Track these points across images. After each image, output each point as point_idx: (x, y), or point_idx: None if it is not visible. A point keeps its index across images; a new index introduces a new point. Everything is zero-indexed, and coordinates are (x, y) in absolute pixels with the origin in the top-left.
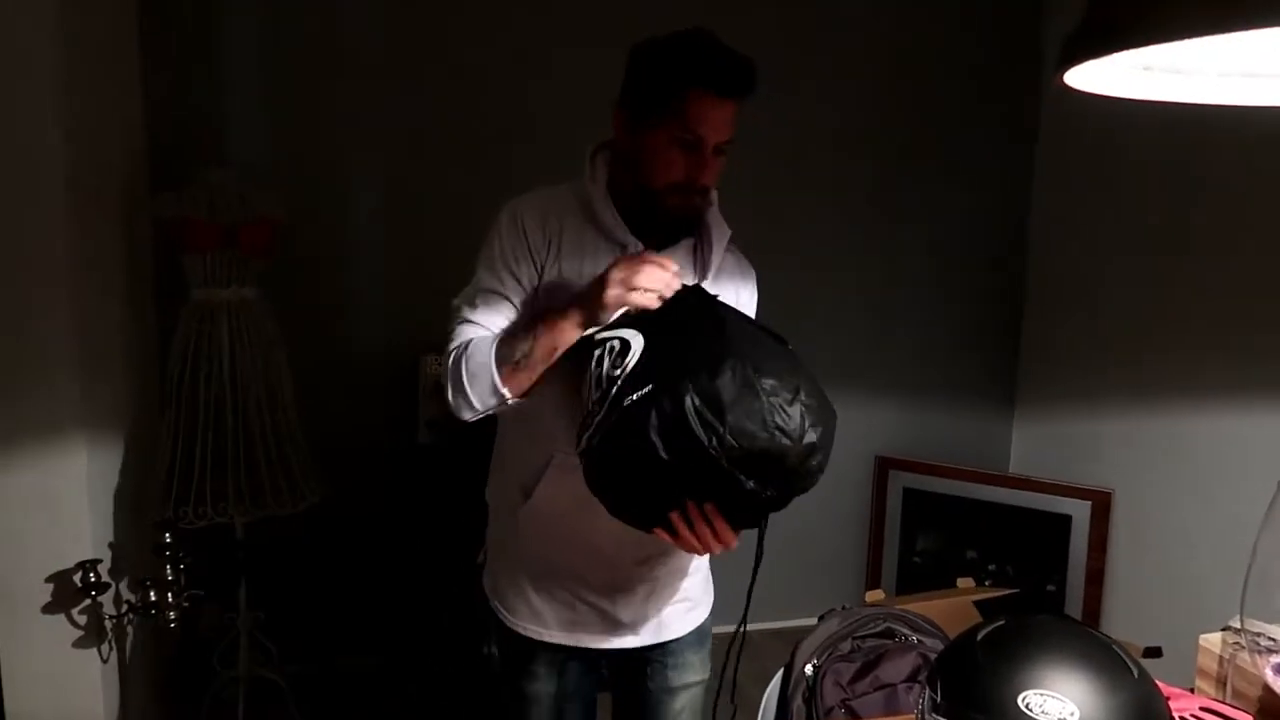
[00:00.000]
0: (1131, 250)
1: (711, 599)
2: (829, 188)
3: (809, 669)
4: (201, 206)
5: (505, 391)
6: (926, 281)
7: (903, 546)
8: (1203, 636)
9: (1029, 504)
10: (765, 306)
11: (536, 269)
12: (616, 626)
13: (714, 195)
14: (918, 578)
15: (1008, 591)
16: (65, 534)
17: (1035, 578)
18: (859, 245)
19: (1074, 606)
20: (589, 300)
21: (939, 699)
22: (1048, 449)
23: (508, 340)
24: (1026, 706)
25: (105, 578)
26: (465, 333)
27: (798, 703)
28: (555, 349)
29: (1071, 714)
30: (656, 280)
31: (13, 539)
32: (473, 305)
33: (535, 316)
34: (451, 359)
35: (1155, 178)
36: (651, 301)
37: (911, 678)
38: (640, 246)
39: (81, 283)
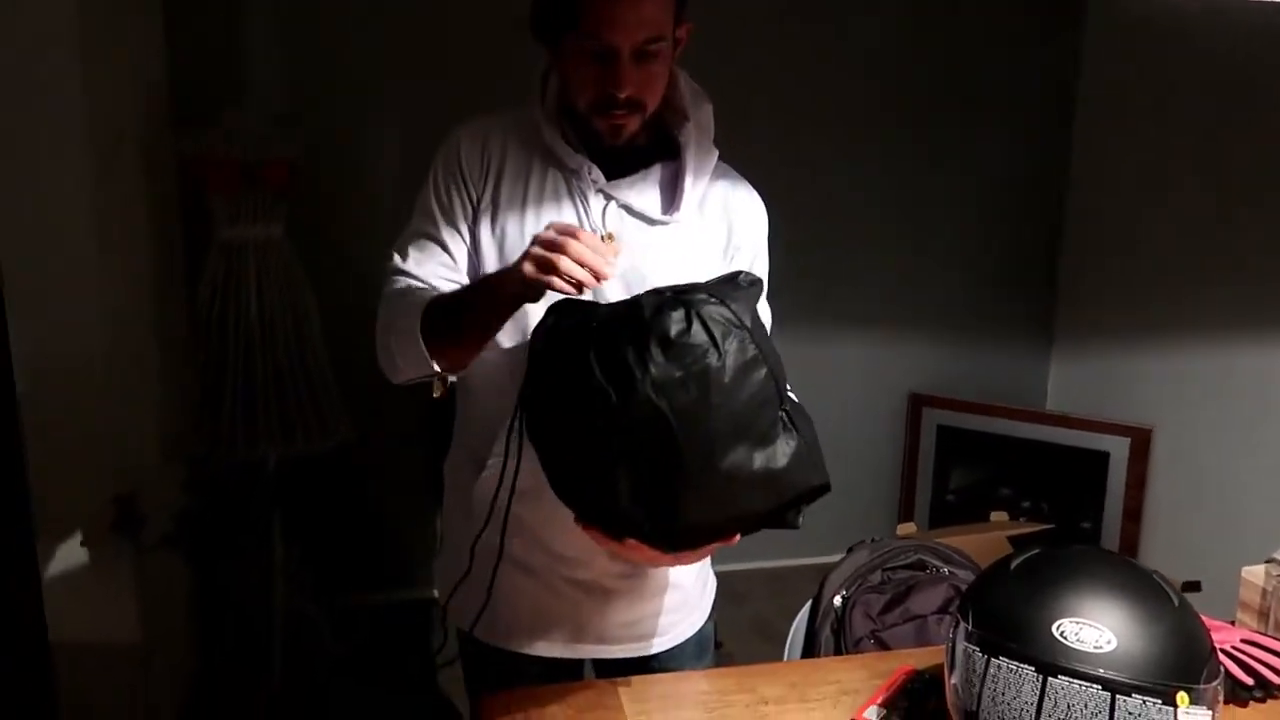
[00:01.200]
0: (1175, 182)
1: (711, 598)
2: (863, 120)
3: (837, 600)
4: (221, 145)
5: (434, 366)
6: (962, 214)
7: (936, 485)
8: (1245, 569)
9: (1066, 441)
10: (796, 242)
11: (472, 202)
12: (592, 634)
13: (707, 112)
14: (951, 516)
15: (1042, 527)
16: (101, 470)
17: (1071, 515)
18: (894, 178)
19: (1110, 544)
20: (511, 276)
21: (970, 627)
22: (1086, 385)
23: (440, 308)
24: (1061, 635)
25: (140, 512)
26: (396, 285)
27: (826, 634)
28: (486, 330)
29: (1108, 642)
30: (577, 265)
31: (50, 476)
32: (404, 253)
33: (467, 287)
34: (380, 319)
35: (1202, 108)
36: (568, 290)
37: (942, 609)
38: (597, 173)
39: (108, 222)
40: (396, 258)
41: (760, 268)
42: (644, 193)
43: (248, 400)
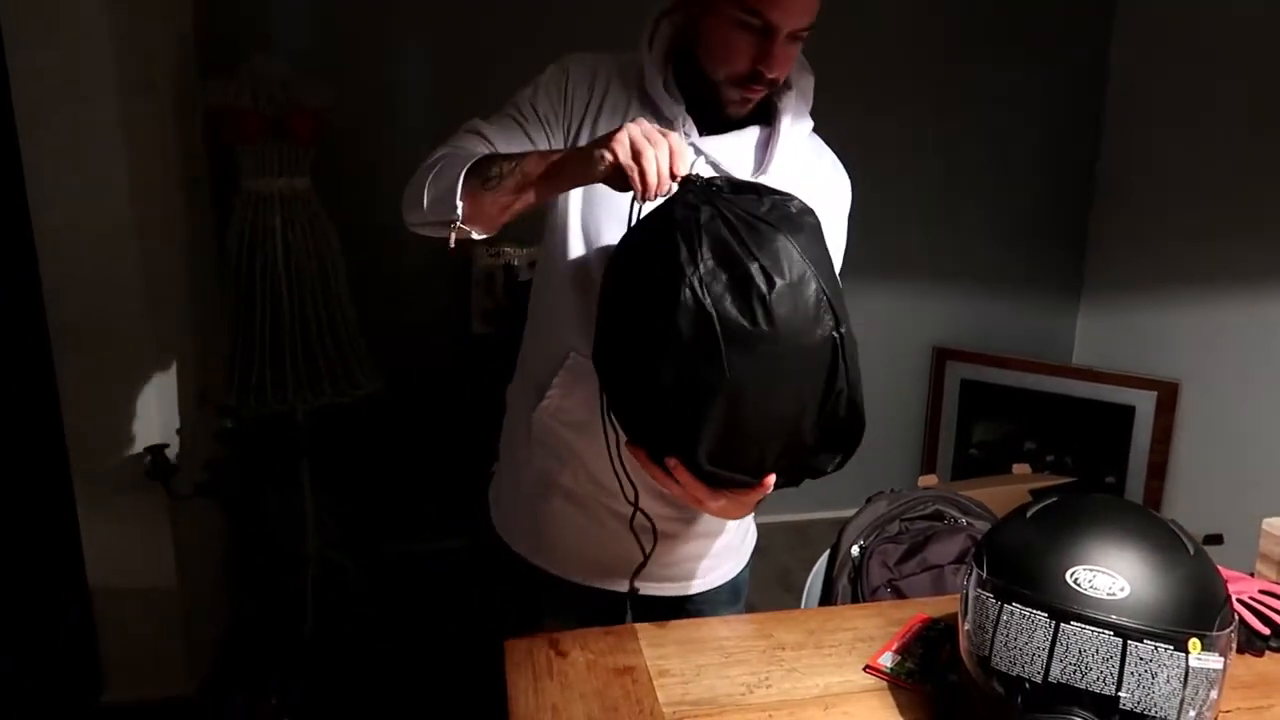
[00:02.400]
0: (1209, 134)
1: (751, 547)
2: (889, 70)
3: (855, 550)
4: (246, 95)
5: (459, 206)
6: (990, 165)
7: (959, 438)
8: (1266, 520)
9: (1091, 395)
10: None
11: (566, 125)
12: (636, 568)
13: (808, 83)
14: (974, 470)
15: (1065, 480)
16: (135, 420)
17: (1095, 469)
18: (919, 129)
19: (1134, 497)
20: (587, 149)
21: (985, 574)
22: (1114, 339)
23: (491, 157)
24: (1075, 581)
25: (173, 461)
26: (463, 140)
27: (843, 583)
28: (532, 192)
29: (1122, 589)
30: (666, 161)
31: (87, 428)
32: (486, 120)
33: (532, 151)
34: (432, 158)
35: (1239, 53)
36: (648, 183)
37: (959, 559)
38: (690, 126)
39: (139, 173)
40: (478, 121)
41: (837, 244)
42: (736, 152)
43: (275, 351)
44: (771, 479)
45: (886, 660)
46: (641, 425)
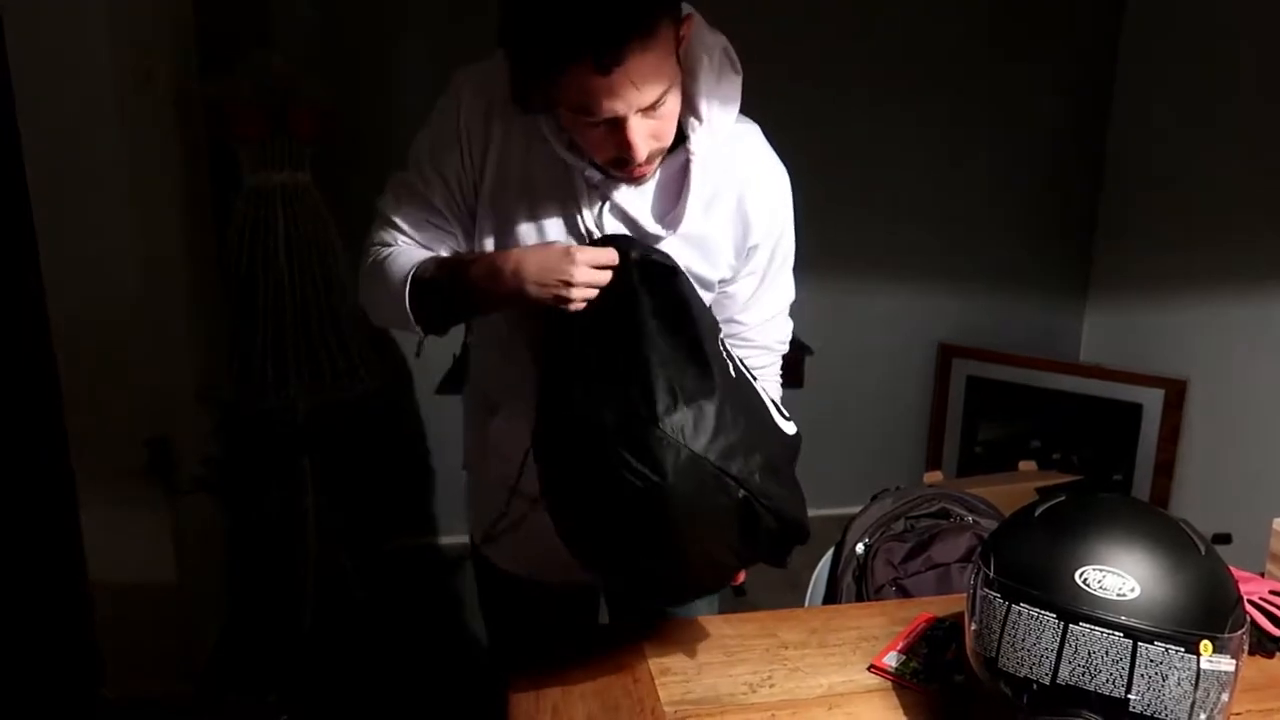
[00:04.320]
0: (1218, 129)
1: None
2: (894, 63)
3: (860, 547)
4: (247, 90)
5: (421, 333)
6: (997, 159)
7: (964, 436)
8: (1276, 520)
9: (1098, 393)
10: (824, 189)
11: (470, 169)
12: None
13: (731, 88)
14: (979, 468)
15: (1071, 478)
16: (135, 415)
17: (1102, 467)
18: (926, 123)
19: (1141, 496)
20: (509, 287)
21: (991, 573)
22: (1121, 336)
23: (427, 280)
24: (1084, 582)
25: (173, 455)
26: (383, 238)
27: (847, 581)
28: (474, 315)
29: (1131, 590)
30: (583, 289)
31: (88, 421)
32: (396, 203)
33: (457, 272)
34: (364, 269)
35: (1248, 48)
36: (574, 306)
37: (965, 558)
38: (589, 171)
39: (139, 167)
40: (389, 206)
41: (780, 252)
42: (644, 194)
43: (276, 346)
44: (742, 575)
45: (891, 660)
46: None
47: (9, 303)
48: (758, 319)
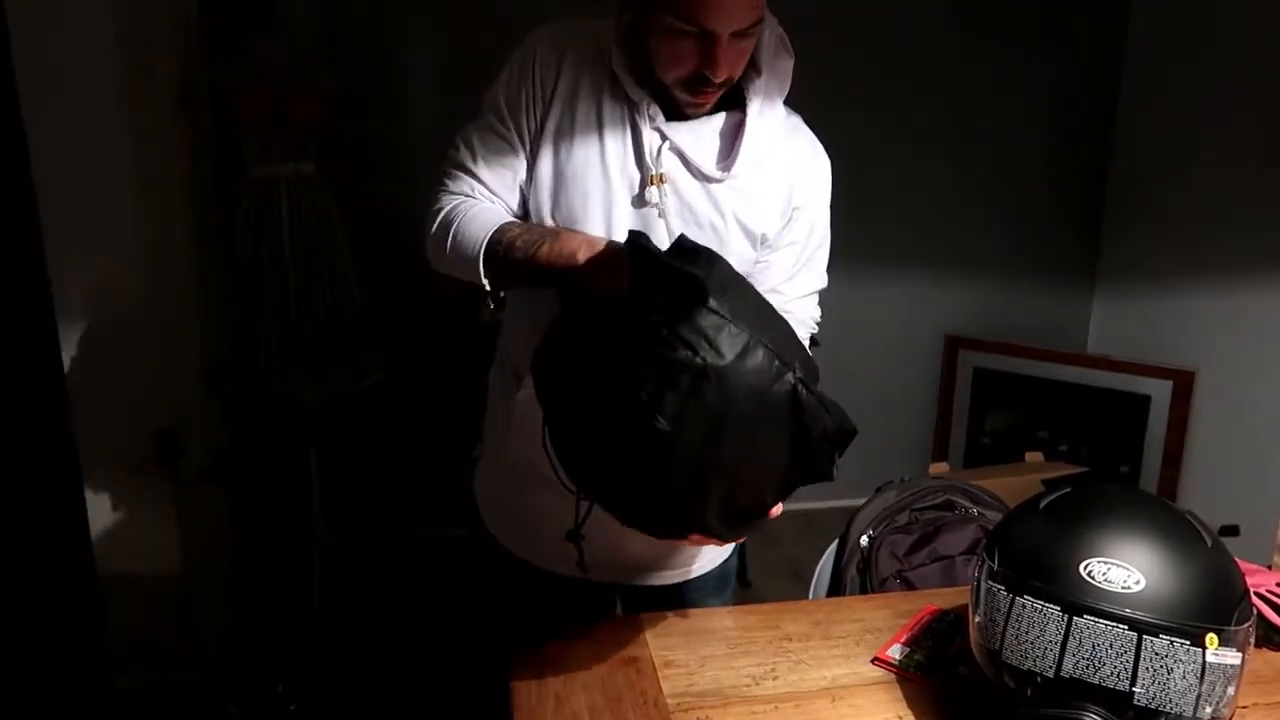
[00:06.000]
0: (1225, 120)
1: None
2: (902, 53)
3: (864, 540)
4: (251, 75)
5: (488, 285)
6: (1004, 151)
7: (971, 427)
8: None
9: (1106, 384)
10: (832, 180)
11: (537, 116)
12: (621, 560)
13: (786, 67)
14: (986, 459)
15: (1078, 469)
16: (141, 406)
17: (1110, 459)
18: (933, 114)
19: (1149, 487)
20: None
21: (996, 565)
22: (1129, 328)
23: (506, 240)
24: (1089, 574)
25: (180, 446)
26: (459, 184)
27: (852, 573)
28: (545, 279)
29: (1137, 582)
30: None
31: (94, 413)
32: (471, 148)
33: (539, 240)
34: (439, 220)
35: (1255, 39)
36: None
37: (970, 550)
38: (656, 111)
39: (144, 158)
40: (463, 151)
41: (819, 231)
42: (702, 140)
43: (281, 337)
44: (778, 508)
45: (895, 652)
46: (640, 517)
47: (15, 294)
48: (797, 292)
